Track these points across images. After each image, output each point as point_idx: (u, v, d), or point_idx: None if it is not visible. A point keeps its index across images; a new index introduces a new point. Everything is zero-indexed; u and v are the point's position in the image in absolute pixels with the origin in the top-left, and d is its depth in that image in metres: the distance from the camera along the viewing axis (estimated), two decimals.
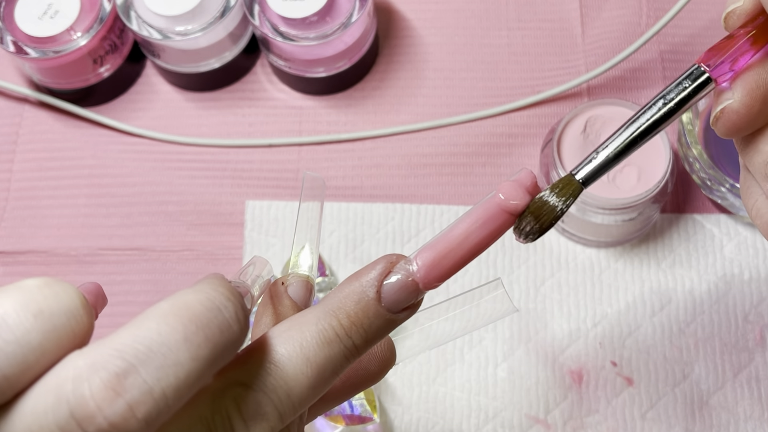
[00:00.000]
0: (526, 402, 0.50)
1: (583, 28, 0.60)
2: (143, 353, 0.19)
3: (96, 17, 0.55)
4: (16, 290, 0.20)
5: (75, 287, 0.21)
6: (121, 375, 0.19)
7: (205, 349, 0.20)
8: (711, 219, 0.54)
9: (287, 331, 0.24)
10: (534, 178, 0.26)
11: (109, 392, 0.19)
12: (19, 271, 0.55)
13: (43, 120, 0.59)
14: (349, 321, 0.24)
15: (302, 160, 0.57)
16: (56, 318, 0.20)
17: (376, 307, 0.25)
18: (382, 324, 0.25)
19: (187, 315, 0.20)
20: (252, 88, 0.59)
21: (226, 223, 0.55)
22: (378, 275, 0.25)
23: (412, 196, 0.56)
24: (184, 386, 0.20)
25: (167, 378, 0.19)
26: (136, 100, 0.60)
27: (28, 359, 0.19)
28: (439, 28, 0.60)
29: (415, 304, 0.26)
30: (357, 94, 0.59)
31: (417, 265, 0.25)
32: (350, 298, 0.25)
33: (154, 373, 0.19)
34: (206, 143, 0.57)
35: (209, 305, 0.21)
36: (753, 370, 0.50)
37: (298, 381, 0.23)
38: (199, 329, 0.20)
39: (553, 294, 0.52)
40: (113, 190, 0.57)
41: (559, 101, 0.57)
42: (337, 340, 0.24)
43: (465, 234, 0.26)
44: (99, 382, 0.19)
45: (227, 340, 0.21)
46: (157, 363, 0.19)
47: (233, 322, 0.21)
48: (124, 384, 0.19)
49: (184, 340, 0.20)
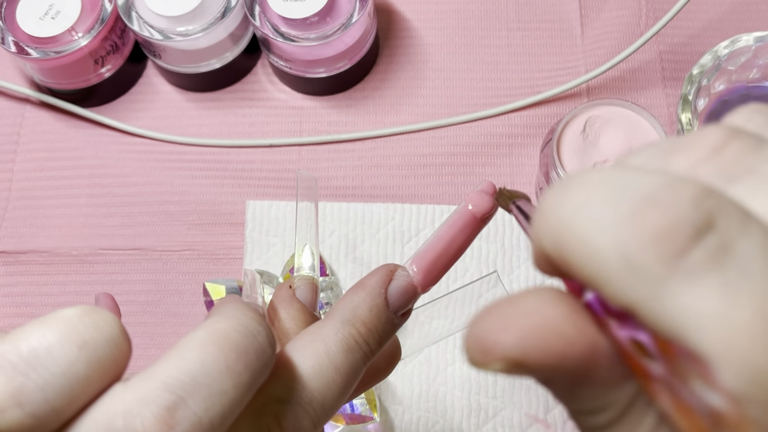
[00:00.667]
0: (526, 401, 0.50)
1: (583, 28, 0.60)
2: (189, 385, 0.20)
3: (97, 18, 0.55)
4: (57, 321, 0.20)
5: (112, 314, 0.21)
6: (171, 408, 0.19)
7: (245, 376, 0.21)
8: None
9: (312, 343, 0.25)
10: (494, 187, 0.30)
11: (161, 426, 0.19)
12: (20, 270, 0.55)
13: (45, 120, 0.59)
14: (366, 328, 0.26)
15: (302, 160, 0.57)
16: (100, 348, 0.20)
17: (386, 313, 0.27)
18: (390, 327, 0.27)
19: (225, 343, 0.21)
20: (253, 89, 0.59)
21: (227, 223, 0.56)
22: (383, 283, 0.28)
23: (412, 196, 0.56)
24: (229, 413, 0.20)
25: (214, 408, 0.20)
26: (137, 101, 0.60)
27: (75, 391, 0.19)
28: (439, 29, 0.60)
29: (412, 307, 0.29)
30: (357, 95, 0.59)
31: (413, 271, 0.29)
32: (362, 307, 0.27)
33: (202, 403, 0.20)
34: (207, 143, 0.58)
35: (244, 332, 0.21)
36: None
37: (330, 390, 0.24)
38: (239, 357, 0.21)
39: None
40: (114, 190, 0.57)
41: (558, 101, 0.58)
42: (357, 346, 0.26)
43: (449, 240, 0.29)
44: (151, 417, 0.19)
45: (264, 364, 0.22)
46: (204, 393, 0.20)
47: (266, 347, 0.22)
48: (175, 417, 0.19)
49: (227, 369, 0.20)
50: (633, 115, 0.51)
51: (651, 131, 0.51)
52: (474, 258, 0.53)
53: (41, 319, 0.20)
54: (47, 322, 0.20)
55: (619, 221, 0.15)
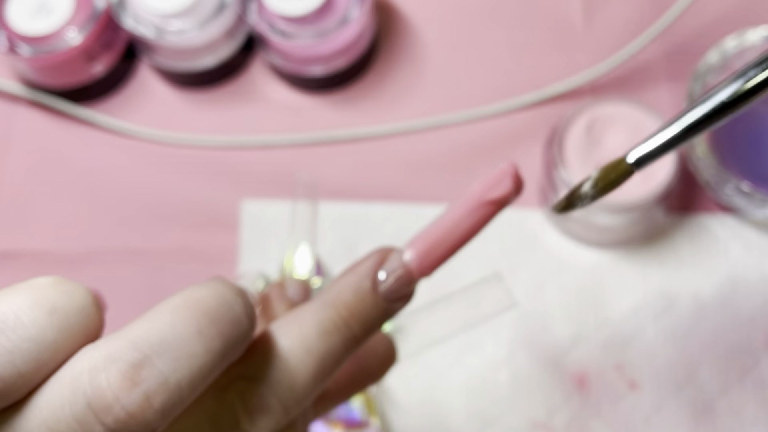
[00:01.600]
0: (527, 406, 0.49)
1: (586, 25, 0.59)
2: (158, 345, 0.20)
3: (90, 15, 0.54)
4: (28, 288, 0.20)
5: (85, 286, 0.21)
6: (137, 365, 0.19)
7: (217, 342, 0.21)
8: (716, 220, 0.53)
9: (287, 324, 0.24)
10: (515, 167, 0.27)
11: (126, 382, 0.19)
12: (12, 272, 0.55)
13: (37, 119, 0.59)
14: (348, 311, 0.25)
15: (299, 159, 0.56)
16: (70, 315, 0.20)
17: (372, 297, 0.25)
18: (379, 313, 0.26)
19: (199, 308, 0.21)
20: (248, 87, 0.59)
21: (222, 223, 0.55)
22: (373, 265, 0.26)
23: (412, 196, 0.55)
24: (198, 378, 0.20)
25: (182, 369, 0.20)
26: (130, 99, 0.59)
27: (43, 356, 0.20)
28: (439, 26, 0.60)
29: (409, 293, 0.27)
30: (355, 93, 0.58)
31: (410, 254, 0.26)
32: (347, 290, 0.25)
33: (170, 364, 0.20)
34: (202, 142, 0.57)
35: (221, 300, 0.21)
36: (759, 374, 0.49)
37: (300, 372, 0.23)
38: (212, 323, 0.21)
39: (556, 296, 0.52)
40: (107, 189, 0.56)
41: (561, 99, 0.57)
42: (337, 330, 0.24)
43: (454, 224, 0.27)
44: (116, 372, 0.19)
45: (238, 333, 0.21)
46: (172, 354, 0.20)
47: (243, 317, 0.22)
48: (140, 374, 0.19)
49: (198, 332, 0.20)
50: (637, 114, 0.50)
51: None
52: (473, 258, 0.52)
53: (13, 286, 0.20)
54: (18, 288, 0.20)
55: None
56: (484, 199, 0.27)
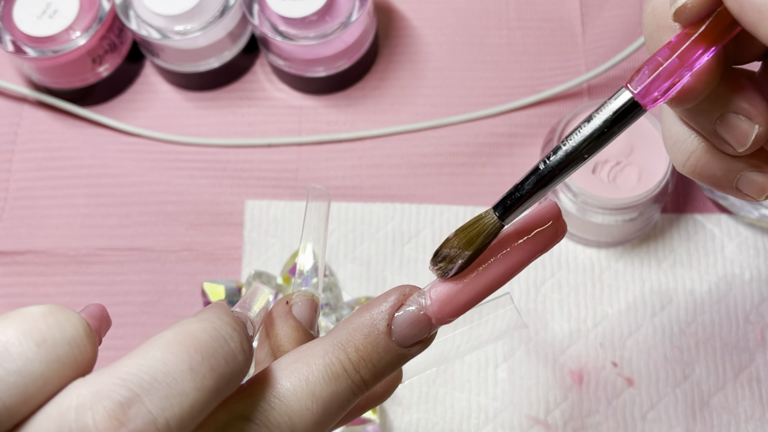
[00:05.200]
0: (526, 402, 0.50)
1: (584, 27, 0.59)
2: (147, 383, 0.19)
3: (95, 17, 0.54)
4: (19, 317, 0.20)
5: (79, 315, 0.20)
6: (125, 404, 0.19)
7: (210, 380, 0.20)
8: (712, 219, 0.53)
9: (293, 363, 0.23)
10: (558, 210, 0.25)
11: (112, 422, 0.18)
12: (18, 271, 0.55)
13: (42, 120, 0.59)
14: (358, 355, 0.24)
15: (302, 160, 0.57)
16: (59, 347, 0.20)
17: (386, 342, 0.24)
18: (392, 359, 0.24)
19: (192, 344, 0.20)
20: (251, 88, 0.59)
21: (226, 223, 0.55)
22: (389, 308, 0.25)
23: (412, 196, 0.55)
24: (189, 417, 0.20)
25: (171, 408, 0.19)
26: (135, 100, 0.59)
27: (30, 389, 0.19)
28: (439, 28, 0.60)
29: (427, 338, 0.25)
30: (357, 94, 0.59)
31: (430, 298, 0.25)
32: (360, 331, 0.24)
33: (159, 402, 0.19)
34: (205, 143, 0.57)
35: (214, 335, 0.21)
36: (754, 371, 0.50)
37: (302, 417, 0.22)
38: (205, 359, 0.20)
39: (554, 294, 0.52)
40: (112, 189, 0.57)
41: (559, 101, 0.57)
42: (345, 375, 0.23)
43: (482, 269, 0.25)
44: (102, 411, 0.19)
45: (232, 370, 0.21)
46: (162, 393, 0.19)
47: (238, 353, 0.21)
48: (128, 414, 0.19)
49: (190, 369, 0.20)
50: None
51: (652, 131, 0.50)
52: None
53: (4, 315, 0.20)
54: (9, 318, 0.20)
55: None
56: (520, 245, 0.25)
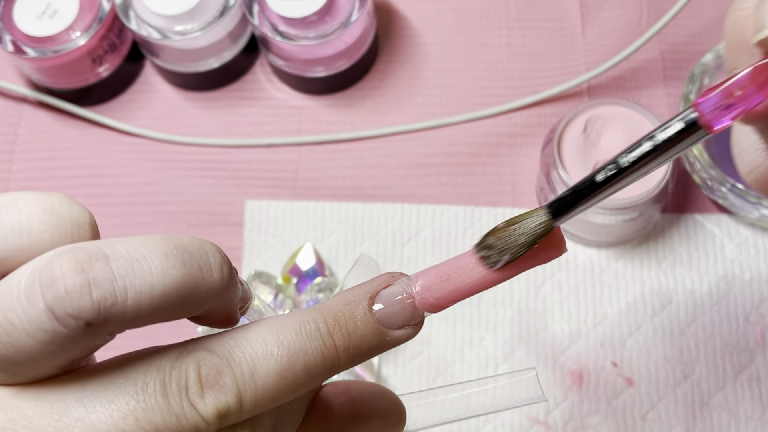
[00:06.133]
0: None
1: (584, 27, 0.60)
2: (119, 253, 0.20)
3: (95, 17, 0.54)
4: (38, 192, 0.21)
5: (90, 212, 0.22)
6: (93, 259, 0.20)
7: (178, 272, 0.20)
8: (712, 219, 0.54)
9: (270, 318, 0.23)
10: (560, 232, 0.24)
11: (77, 265, 0.20)
12: None
13: (42, 120, 0.59)
14: (334, 320, 0.23)
15: (302, 160, 0.57)
16: (62, 219, 0.21)
17: (364, 313, 0.24)
18: (368, 332, 0.24)
19: (174, 241, 0.21)
20: (251, 88, 0.59)
21: (226, 223, 0.55)
22: (376, 285, 0.24)
23: (412, 196, 0.55)
24: (147, 296, 0.20)
25: (133, 277, 0.20)
26: (135, 100, 0.59)
27: (23, 241, 0.21)
28: (439, 28, 0.60)
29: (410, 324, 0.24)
30: (357, 94, 0.59)
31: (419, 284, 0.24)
32: (341, 301, 0.24)
33: (123, 268, 0.20)
34: (205, 143, 0.57)
35: (198, 245, 0.21)
36: (754, 371, 0.50)
37: (265, 361, 0.22)
38: (180, 253, 0.21)
39: (554, 294, 0.52)
40: (112, 189, 0.57)
41: (559, 101, 0.57)
42: (318, 335, 0.23)
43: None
44: (70, 258, 0.20)
45: (205, 281, 0.21)
46: (130, 264, 0.20)
47: (216, 270, 0.21)
48: (93, 265, 0.20)
49: (163, 254, 0.20)
50: (634, 115, 0.51)
51: None
52: None
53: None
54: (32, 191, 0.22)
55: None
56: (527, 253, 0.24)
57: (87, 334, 0.20)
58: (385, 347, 0.24)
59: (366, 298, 0.24)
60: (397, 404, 0.28)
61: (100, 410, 0.20)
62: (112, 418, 0.20)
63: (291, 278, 0.52)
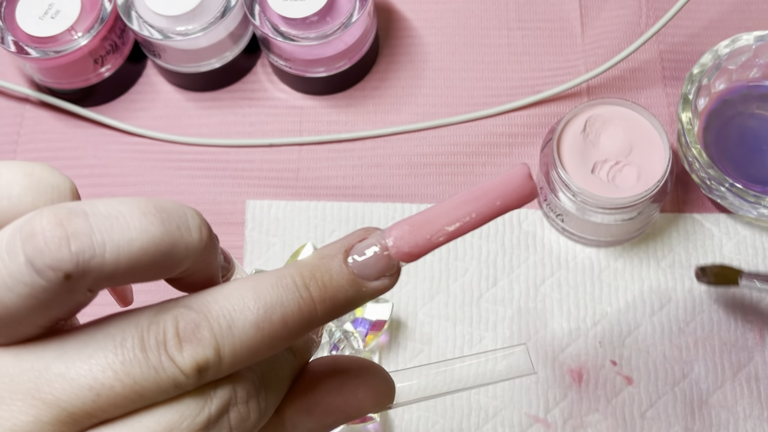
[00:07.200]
0: (525, 401, 0.50)
1: (583, 28, 0.60)
2: (99, 211, 0.21)
3: (97, 17, 0.55)
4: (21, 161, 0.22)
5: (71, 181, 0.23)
6: (72, 215, 0.20)
7: (156, 228, 0.21)
8: (710, 218, 0.54)
9: (246, 277, 0.23)
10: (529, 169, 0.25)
11: (56, 220, 0.20)
12: None
13: (44, 120, 0.59)
14: (310, 273, 0.23)
15: (302, 160, 0.57)
16: (42, 184, 0.22)
17: (339, 265, 0.24)
18: (344, 283, 0.24)
19: (153, 202, 0.21)
20: (252, 88, 0.59)
21: (227, 223, 0.56)
22: (351, 239, 0.25)
23: (412, 196, 0.56)
24: (126, 249, 0.20)
25: (110, 232, 0.20)
26: (136, 100, 0.60)
27: (3, 204, 0.21)
28: (439, 28, 0.60)
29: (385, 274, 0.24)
30: (357, 94, 0.59)
31: (393, 234, 0.24)
32: (316, 256, 0.24)
33: (101, 224, 0.20)
34: (207, 143, 0.58)
35: (177, 207, 0.22)
36: (752, 369, 0.50)
37: (242, 313, 0.22)
38: (159, 212, 0.21)
39: (553, 293, 0.52)
40: (114, 189, 0.57)
41: (558, 101, 0.58)
42: (294, 287, 0.23)
43: (449, 210, 0.24)
44: (51, 215, 0.20)
45: (183, 239, 0.21)
46: (108, 221, 0.20)
47: (194, 230, 0.22)
48: (72, 221, 0.20)
49: (142, 213, 0.21)
50: (633, 115, 0.51)
51: (651, 131, 0.50)
52: (474, 258, 0.53)
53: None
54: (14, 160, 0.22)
55: None
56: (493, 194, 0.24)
57: (66, 287, 0.20)
58: (363, 298, 0.24)
59: (341, 252, 0.24)
60: (385, 376, 0.28)
61: (80, 365, 0.21)
62: (92, 372, 0.21)
63: None
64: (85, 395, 0.21)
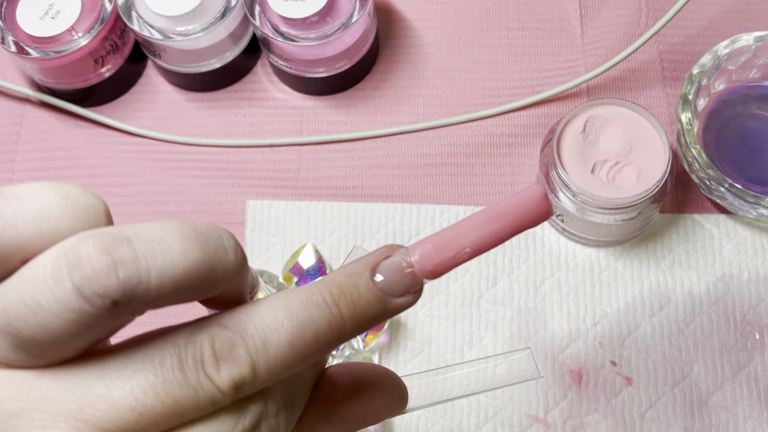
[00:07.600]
0: (525, 401, 0.50)
1: (583, 28, 0.60)
2: (141, 236, 0.21)
3: (97, 17, 0.55)
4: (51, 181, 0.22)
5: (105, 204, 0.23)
6: (116, 242, 0.20)
7: (197, 253, 0.21)
8: (710, 219, 0.54)
9: (277, 294, 0.24)
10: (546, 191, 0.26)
11: (102, 247, 0.20)
12: None
13: (45, 120, 0.59)
14: (339, 290, 0.24)
15: (303, 160, 0.57)
16: (79, 207, 0.22)
17: (367, 282, 0.25)
18: (372, 300, 0.24)
19: (190, 225, 0.22)
20: (253, 88, 0.60)
21: (227, 223, 0.56)
22: (376, 257, 0.25)
23: (412, 196, 0.56)
24: (169, 274, 0.21)
25: (155, 257, 0.21)
26: (137, 100, 0.60)
27: (43, 228, 0.21)
28: (439, 29, 0.60)
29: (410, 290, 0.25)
30: (357, 94, 0.59)
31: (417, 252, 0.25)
32: (343, 273, 0.25)
33: (145, 249, 0.21)
34: (207, 143, 0.58)
35: (213, 229, 0.22)
36: (752, 370, 0.50)
37: (276, 333, 0.23)
38: (198, 236, 0.22)
39: (553, 293, 0.52)
40: (114, 189, 0.57)
41: (558, 101, 0.58)
42: (324, 305, 0.24)
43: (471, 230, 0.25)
44: (96, 241, 0.20)
45: (221, 261, 0.22)
46: (151, 246, 0.21)
47: (230, 251, 0.22)
48: (117, 248, 0.20)
49: (181, 237, 0.21)
50: (633, 115, 0.51)
51: (651, 131, 0.51)
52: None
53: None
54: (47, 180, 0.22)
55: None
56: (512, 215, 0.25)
57: (112, 313, 0.20)
58: (388, 314, 0.25)
59: (368, 269, 0.25)
60: (399, 383, 0.29)
61: (121, 386, 0.21)
62: (133, 393, 0.21)
63: (292, 277, 0.52)
64: (128, 416, 0.21)
